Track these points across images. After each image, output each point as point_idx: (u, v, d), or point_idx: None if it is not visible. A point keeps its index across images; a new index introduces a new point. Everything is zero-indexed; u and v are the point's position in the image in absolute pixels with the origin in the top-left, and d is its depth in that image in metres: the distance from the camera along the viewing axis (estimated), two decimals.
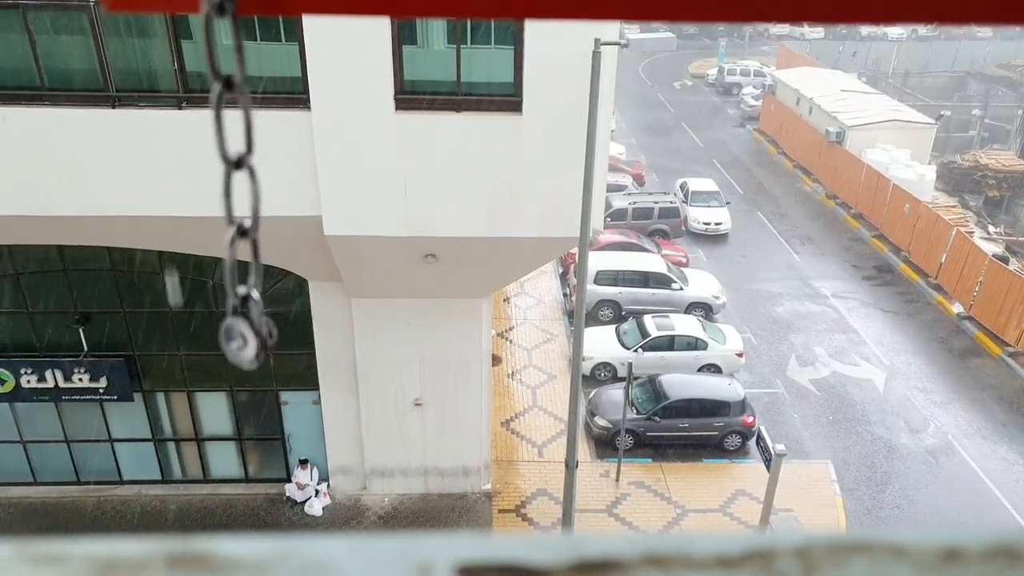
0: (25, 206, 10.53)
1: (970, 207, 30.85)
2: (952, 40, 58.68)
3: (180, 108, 10.12)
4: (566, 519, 12.81)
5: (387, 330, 13.48)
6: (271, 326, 0.93)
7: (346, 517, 15.11)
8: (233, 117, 0.85)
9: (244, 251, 0.91)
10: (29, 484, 15.35)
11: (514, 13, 0.79)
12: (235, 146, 0.85)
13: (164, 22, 9.76)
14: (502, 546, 0.60)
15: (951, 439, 18.13)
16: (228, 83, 0.83)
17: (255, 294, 0.92)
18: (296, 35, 9.71)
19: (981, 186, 31.85)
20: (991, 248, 25.58)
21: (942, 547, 0.59)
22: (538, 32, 9.51)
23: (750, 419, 17.06)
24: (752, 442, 16.81)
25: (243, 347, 0.91)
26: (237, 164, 0.86)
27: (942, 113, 36.13)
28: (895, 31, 59.84)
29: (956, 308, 23.47)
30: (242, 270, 0.91)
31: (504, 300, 22.91)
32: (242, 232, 0.90)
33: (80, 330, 13.51)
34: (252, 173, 0.86)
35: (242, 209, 0.89)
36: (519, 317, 22.39)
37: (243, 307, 0.91)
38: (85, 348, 13.67)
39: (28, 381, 13.72)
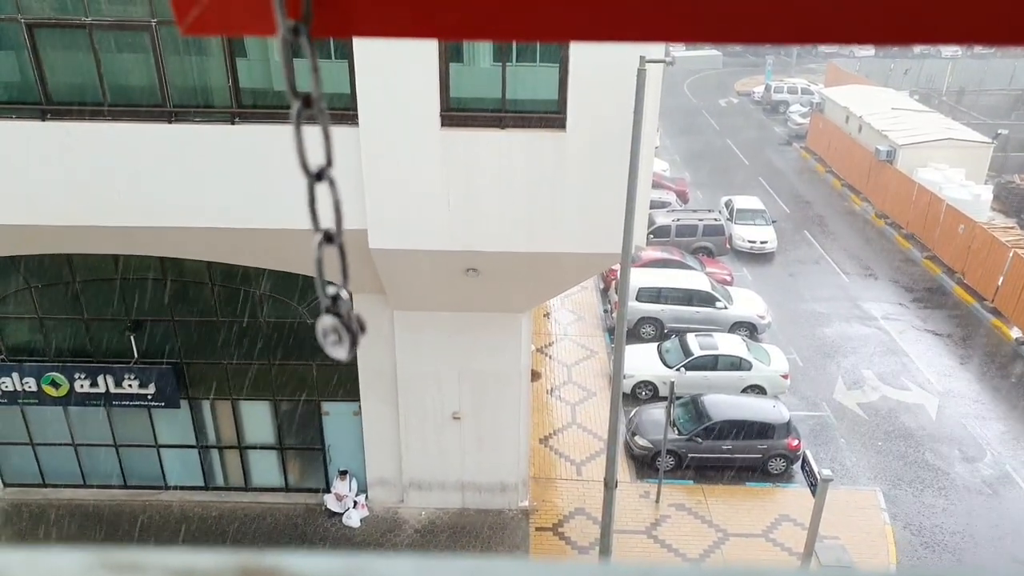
0: (86, 216, 10.90)
1: None
2: (1010, 58, 57.06)
3: (233, 123, 10.39)
4: (604, 540, 12.66)
5: (428, 342, 13.56)
6: (361, 320, 0.98)
7: (383, 530, 15.17)
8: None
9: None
10: (79, 487, 15.77)
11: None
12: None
13: (220, 41, 10.04)
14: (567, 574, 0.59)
15: (1010, 470, 17.47)
16: (307, 100, 0.85)
17: (344, 293, 0.97)
18: (346, 53, 9.90)
19: None
20: None
21: None
22: (583, 50, 9.54)
23: (795, 442, 16.69)
24: (797, 466, 16.44)
25: (338, 342, 0.96)
26: (318, 176, 0.90)
27: (999, 132, 35.11)
28: (949, 48, 58.50)
29: (1015, 333, 22.69)
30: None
31: (544, 315, 22.87)
32: (328, 238, 0.95)
33: (131, 337, 13.89)
34: (332, 183, 0.92)
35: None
36: (559, 333, 22.32)
37: (334, 306, 0.97)
38: (135, 355, 14.05)
39: (81, 386, 14.14)
